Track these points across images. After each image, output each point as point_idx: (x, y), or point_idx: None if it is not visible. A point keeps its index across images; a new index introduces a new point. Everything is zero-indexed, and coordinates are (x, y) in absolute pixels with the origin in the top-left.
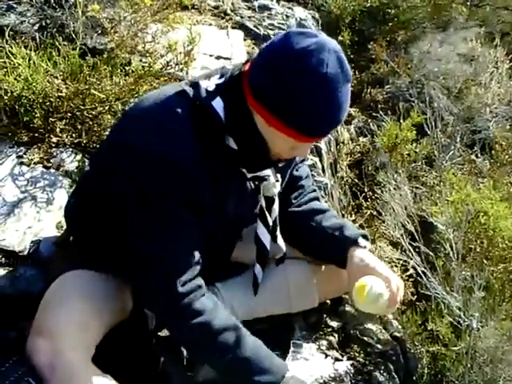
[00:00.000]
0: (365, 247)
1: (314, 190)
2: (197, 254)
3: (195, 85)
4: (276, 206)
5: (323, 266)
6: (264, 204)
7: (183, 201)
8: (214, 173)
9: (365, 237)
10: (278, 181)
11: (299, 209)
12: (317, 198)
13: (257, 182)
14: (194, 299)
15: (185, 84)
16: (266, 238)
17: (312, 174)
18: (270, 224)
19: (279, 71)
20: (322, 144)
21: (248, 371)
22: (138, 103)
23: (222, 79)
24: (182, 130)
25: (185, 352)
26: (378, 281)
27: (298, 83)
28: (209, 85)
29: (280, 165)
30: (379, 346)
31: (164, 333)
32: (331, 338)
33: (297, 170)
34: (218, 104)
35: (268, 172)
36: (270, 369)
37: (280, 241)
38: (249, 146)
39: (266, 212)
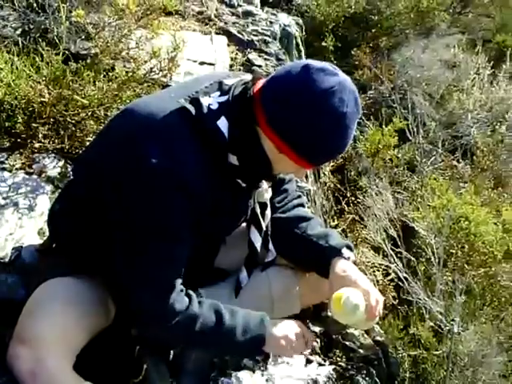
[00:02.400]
0: (348, 258)
1: (299, 196)
2: (183, 268)
3: (195, 102)
4: (268, 212)
5: (307, 273)
6: (258, 210)
7: (185, 222)
8: (215, 189)
9: (349, 247)
10: (270, 187)
11: (284, 215)
12: (302, 205)
13: (250, 190)
14: (183, 309)
15: (184, 100)
16: (258, 242)
17: (295, 180)
18: (264, 229)
19: (300, 108)
20: None
21: (236, 339)
22: (133, 113)
23: (225, 97)
24: (188, 151)
25: (171, 355)
26: (355, 292)
27: (318, 120)
28: (210, 102)
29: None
30: (361, 351)
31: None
32: (314, 343)
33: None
34: (222, 124)
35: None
36: (252, 326)
37: (271, 246)
38: (253, 165)
39: (260, 217)
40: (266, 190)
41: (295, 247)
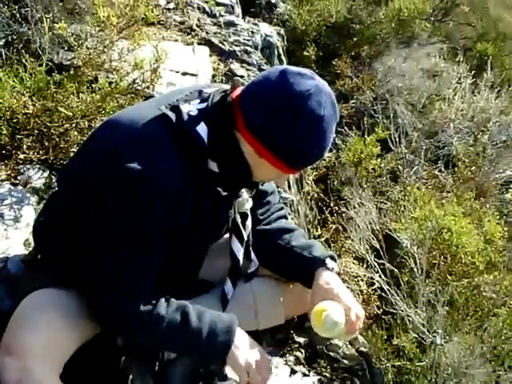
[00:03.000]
0: (332, 269)
1: (282, 208)
2: (153, 273)
3: (176, 109)
4: (249, 222)
5: (291, 284)
6: (239, 220)
7: (160, 228)
8: (195, 196)
9: (333, 258)
10: (250, 197)
11: (267, 227)
12: (284, 216)
13: (230, 199)
14: (149, 310)
15: (165, 108)
16: (239, 252)
17: (278, 191)
18: (245, 239)
19: (278, 111)
20: None
21: (200, 341)
22: (116, 123)
23: (204, 104)
24: (168, 158)
25: (156, 366)
26: (337, 308)
27: (295, 123)
28: (190, 109)
29: (257, 187)
30: (345, 361)
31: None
32: (298, 353)
33: (262, 185)
34: (202, 129)
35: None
36: (220, 329)
37: (253, 256)
38: (232, 170)
39: (241, 227)
40: (246, 200)
41: (279, 258)
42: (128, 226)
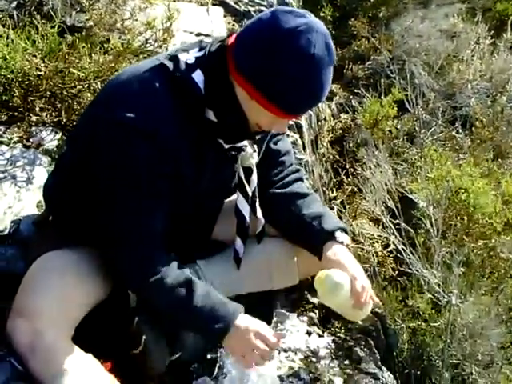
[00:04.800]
0: (342, 242)
1: (298, 170)
2: (161, 226)
3: (174, 58)
4: (254, 177)
5: None
6: (243, 174)
7: (161, 174)
8: (193, 145)
9: (343, 230)
10: (255, 151)
11: (281, 191)
12: (300, 179)
13: (234, 153)
14: (154, 265)
15: (163, 58)
16: (245, 209)
17: (294, 152)
18: (249, 195)
19: (267, 50)
20: (303, 121)
21: (202, 321)
22: (116, 77)
23: (202, 52)
24: (162, 104)
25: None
26: (340, 273)
27: (285, 62)
28: (188, 58)
29: (257, 137)
30: (360, 322)
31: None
32: (312, 314)
33: (275, 144)
34: (198, 77)
35: (245, 143)
36: (223, 316)
37: (259, 213)
38: (228, 118)
39: (245, 182)
40: (250, 155)
41: (289, 226)
42: (122, 172)
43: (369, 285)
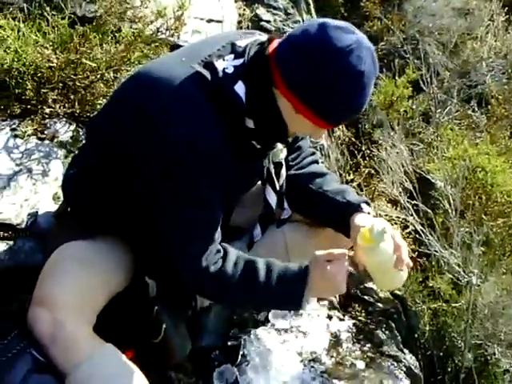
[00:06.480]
0: (368, 213)
1: (314, 153)
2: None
3: (210, 65)
4: (284, 171)
5: (323, 228)
6: (273, 170)
7: (212, 183)
8: (233, 151)
9: (367, 203)
10: (285, 146)
11: (299, 172)
12: (316, 161)
13: (266, 151)
14: (217, 269)
15: (197, 64)
16: (273, 201)
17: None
18: (278, 189)
19: (318, 66)
20: None
21: (271, 295)
22: (148, 81)
23: (240, 60)
24: (204, 116)
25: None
26: (383, 221)
27: (336, 79)
28: (225, 66)
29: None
30: (380, 305)
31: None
32: (332, 298)
33: None
34: (240, 89)
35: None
36: (296, 274)
37: (286, 205)
38: (269, 127)
39: (275, 177)
40: (280, 150)
41: (311, 203)
42: (180, 187)
43: (405, 243)
